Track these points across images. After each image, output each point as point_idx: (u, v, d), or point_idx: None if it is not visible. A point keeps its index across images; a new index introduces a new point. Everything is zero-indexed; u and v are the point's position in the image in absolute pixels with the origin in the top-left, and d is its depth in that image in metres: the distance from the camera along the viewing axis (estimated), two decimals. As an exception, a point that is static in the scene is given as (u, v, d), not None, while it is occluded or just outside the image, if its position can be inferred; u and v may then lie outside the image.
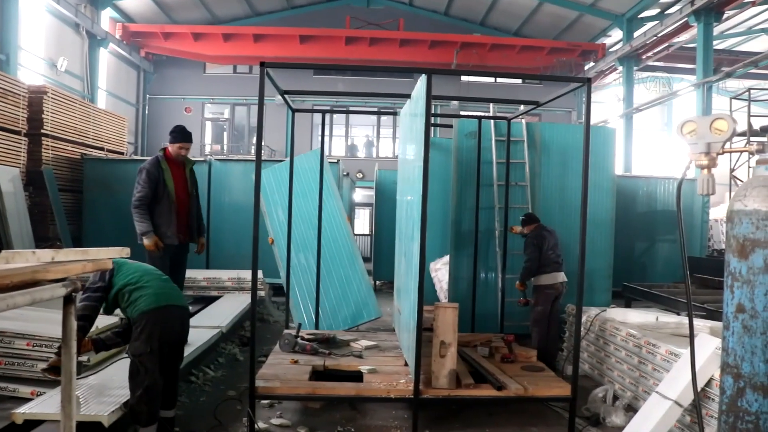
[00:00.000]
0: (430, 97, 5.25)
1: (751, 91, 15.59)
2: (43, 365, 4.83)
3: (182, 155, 7.04)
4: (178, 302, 4.89)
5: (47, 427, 4.30)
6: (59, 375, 4.48)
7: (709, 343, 4.80)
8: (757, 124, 15.19)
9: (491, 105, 16.17)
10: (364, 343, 7.00)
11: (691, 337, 3.64)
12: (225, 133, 28.74)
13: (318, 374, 6.06)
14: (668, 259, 14.16)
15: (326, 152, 9.08)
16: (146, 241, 6.76)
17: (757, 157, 3.14)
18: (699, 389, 4.30)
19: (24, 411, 4.27)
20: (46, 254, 2.62)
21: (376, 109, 18.92)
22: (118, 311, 4.92)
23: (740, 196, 3.09)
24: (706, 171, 3.28)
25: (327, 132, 25.89)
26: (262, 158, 6.01)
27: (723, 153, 3.28)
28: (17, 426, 4.26)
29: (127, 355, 4.81)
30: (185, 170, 7.16)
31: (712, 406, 4.67)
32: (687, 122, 3.34)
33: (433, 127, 9.00)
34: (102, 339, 4.90)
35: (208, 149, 27.42)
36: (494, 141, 8.95)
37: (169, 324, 4.66)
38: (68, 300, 2.75)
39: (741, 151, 3.59)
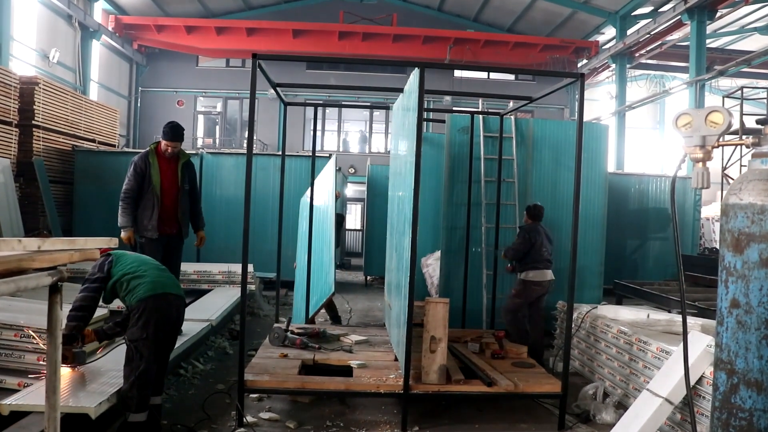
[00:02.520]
0: (422, 90, 5.22)
1: (744, 89, 15.63)
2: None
3: (169, 152, 7.01)
4: (175, 291, 4.99)
5: (33, 418, 4.26)
6: (66, 362, 4.67)
7: (700, 341, 4.80)
8: (749, 123, 15.22)
9: (480, 100, 16.15)
10: (354, 337, 6.99)
11: (684, 334, 3.62)
12: (217, 127, 28.66)
13: (307, 368, 6.04)
14: (659, 257, 14.20)
15: (318, 147, 9.04)
16: (122, 234, 6.85)
17: (752, 150, 3.12)
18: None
19: (10, 402, 4.22)
20: (32, 243, 2.58)
21: (368, 104, 18.89)
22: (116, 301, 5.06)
23: (735, 190, 3.06)
24: (701, 164, 3.25)
25: (319, 127, 25.86)
26: (254, 152, 5.99)
27: (718, 146, 3.25)
28: (3, 417, 4.22)
29: (123, 342, 4.92)
30: (177, 164, 7.13)
31: (702, 403, 4.66)
32: (682, 115, 3.31)
33: (425, 122, 8.99)
34: (103, 329, 5.04)
35: (200, 143, 27.34)
36: (482, 137, 8.92)
37: (165, 311, 4.78)
38: (54, 289, 2.71)
39: (736, 144, 3.56)
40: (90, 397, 4.40)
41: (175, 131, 7.00)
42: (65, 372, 4.81)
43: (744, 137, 3.45)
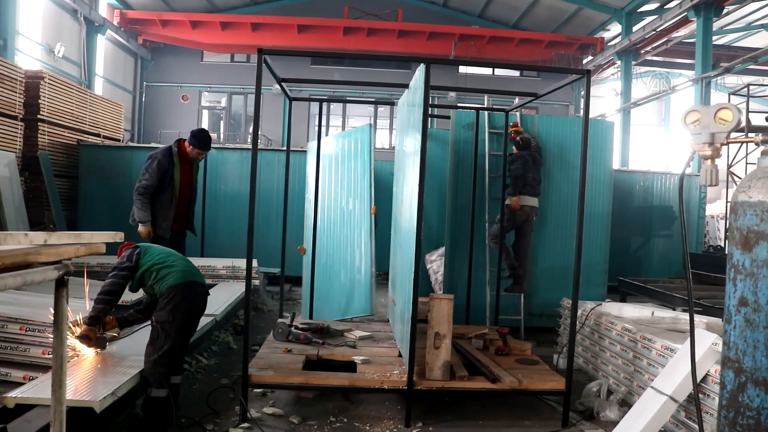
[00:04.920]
0: (428, 86, 5.20)
1: (750, 87, 15.58)
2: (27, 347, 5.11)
3: (200, 158, 7.50)
4: (201, 280, 5.27)
5: (39, 411, 4.27)
6: (90, 344, 4.90)
7: (705, 339, 4.78)
8: (756, 120, 15.18)
9: (485, 96, 16.16)
10: (358, 333, 6.98)
11: (692, 331, 3.61)
12: (222, 122, 28.68)
13: (311, 364, 6.04)
14: (664, 254, 14.16)
15: (323, 143, 9.02)
16: (141, 228, 7.12)
17: (761, 147, 3.10)
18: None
19: (16, 395, 4.23)
20: (38, 237, 2.57)
21: (373, 100, 18.85)
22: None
23: (744, 188, 3.05)
24: (709, 161, 3.24)
25: (324, 122, 25.82)
26: (259, 147, 5.98)
27: (727, 143, 3.24)
28: (9, 410, 4.22)
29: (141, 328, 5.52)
30: (192, 165, 7.52)
31: (707, 402, 4.65)
32: (691, 111, 3.30)
33: (430, 118, 8.97)
34: (125, 317, 5.33)
35: (204, 138, 27.33)
36: (487, 133, 8.90)
37: (192, 298, 5.06)
38: (60, 283, 2.71)
39: (743, 142, 3.56)
40: (96, 390, 4.39)
41: (209, 141, 7.47)
42: (84, 356, 5.03)
43: (751, 135, 3.44)
